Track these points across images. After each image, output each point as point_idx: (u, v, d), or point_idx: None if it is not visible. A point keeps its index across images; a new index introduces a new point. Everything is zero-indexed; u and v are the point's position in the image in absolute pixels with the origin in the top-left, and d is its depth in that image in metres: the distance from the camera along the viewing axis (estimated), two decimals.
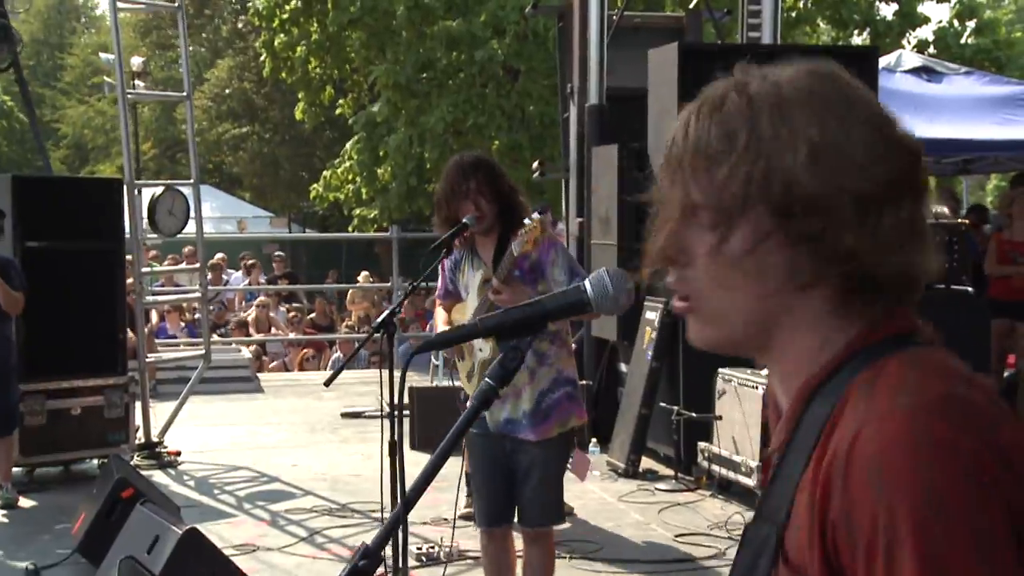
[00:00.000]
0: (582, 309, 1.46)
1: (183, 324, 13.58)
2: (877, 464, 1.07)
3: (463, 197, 4.20)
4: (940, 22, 22.02)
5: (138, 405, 8.18)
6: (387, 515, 4.08)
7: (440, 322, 4.58)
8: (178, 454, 8.22)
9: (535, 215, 4.07)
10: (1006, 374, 8.99)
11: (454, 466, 4.14)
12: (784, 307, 1.19)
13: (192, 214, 8.59)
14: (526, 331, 1.42)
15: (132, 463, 7.34)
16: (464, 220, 4.19)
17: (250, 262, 16.19)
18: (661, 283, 1.26)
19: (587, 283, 1.45)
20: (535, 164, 10.78)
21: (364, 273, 17.43)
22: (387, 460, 4.07)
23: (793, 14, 19.57)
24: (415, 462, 6.99)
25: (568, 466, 4.54)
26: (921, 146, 1.19)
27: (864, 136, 1.14)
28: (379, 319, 4.22)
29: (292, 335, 14.12)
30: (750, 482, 6.51)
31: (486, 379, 1.40)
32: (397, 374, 3.14)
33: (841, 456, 1.10)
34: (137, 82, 19.24)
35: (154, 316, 13.08)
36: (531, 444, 4.24)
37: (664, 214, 1.24)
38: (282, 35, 19.57)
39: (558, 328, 4.31)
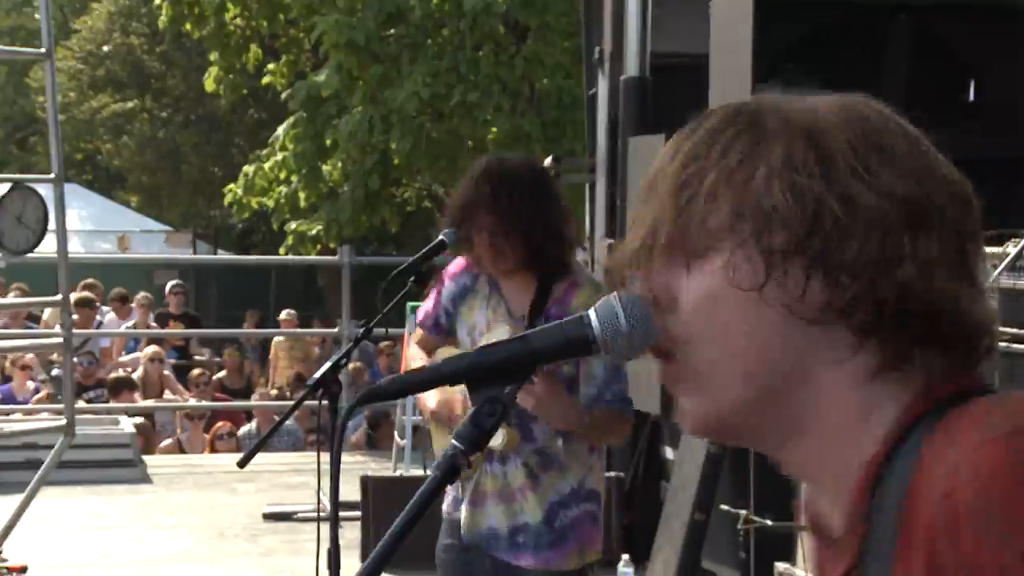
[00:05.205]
0: (584, 349, 1.47)
1: (34, 383, 13.59)
2: (983, 507, 1.18)
3: (477, 229, 4.18)
4: None
5: None
6: None
7: (415, 365, 4.41)
8: (23, 570, 8.22)
9: None
10: None
11: None
12: (806, 370, 1.34)
13: (52, 224, 8.65)
14: (507, 378, 1.47)
15: None
16: (441, 236, 4.22)
17: (141, 296, 15.96)
18: None
19: (592, 313, 1.46)
20: (547, 160, 10.88)
21: (289, 311, 17.31)
22: None
23: None
24: None
25: None
26: (972, 192, 1.38)
27: (909, 159, 1.35)
28: (316, 374, 4.28)
29: (199, 401, 14.13)
30: None
31: (453, 441, 1.44)
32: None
33: (940, 520, 1.21)
34: None
35: None
36: (530, 575, 4.21)
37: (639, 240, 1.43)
38: None
39: None
